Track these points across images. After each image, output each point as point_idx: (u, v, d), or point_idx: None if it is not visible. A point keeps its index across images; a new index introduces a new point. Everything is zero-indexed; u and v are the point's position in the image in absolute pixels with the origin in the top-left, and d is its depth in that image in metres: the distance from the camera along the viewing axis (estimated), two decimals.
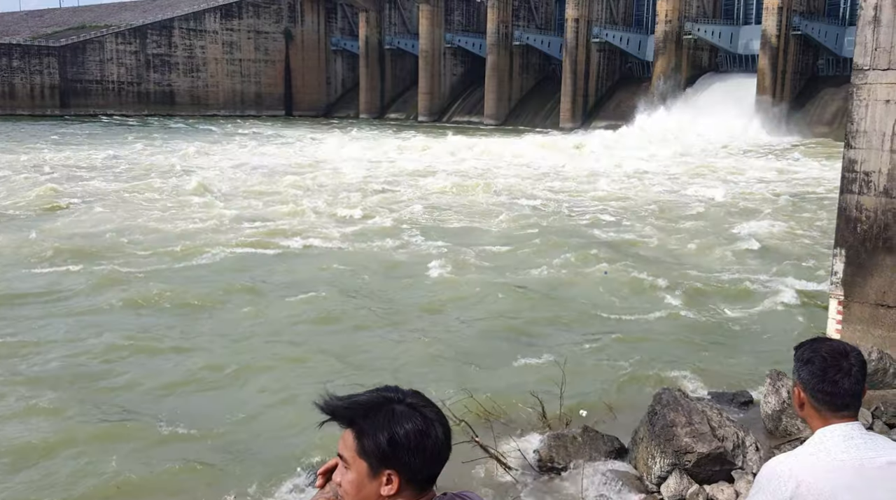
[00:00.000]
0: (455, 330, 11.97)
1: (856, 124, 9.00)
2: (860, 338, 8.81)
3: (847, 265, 9.09)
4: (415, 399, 1.82)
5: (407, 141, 48.97)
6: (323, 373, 9.99)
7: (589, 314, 12.68)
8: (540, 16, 78.40)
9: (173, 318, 12.20)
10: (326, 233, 19.10)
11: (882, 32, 8.81)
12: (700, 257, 17.03)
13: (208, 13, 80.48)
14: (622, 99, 67.54)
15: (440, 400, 7.80)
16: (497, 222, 20.85)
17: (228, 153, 40.80)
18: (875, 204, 8.96)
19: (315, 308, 12.94)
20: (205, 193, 24.90)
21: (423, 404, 1.81)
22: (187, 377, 9.87)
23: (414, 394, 1.84)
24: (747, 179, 31.69)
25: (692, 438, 6.19)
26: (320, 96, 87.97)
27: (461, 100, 79.70)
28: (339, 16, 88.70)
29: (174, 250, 16.73)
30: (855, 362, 2.30)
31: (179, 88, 79.20)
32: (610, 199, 25.76)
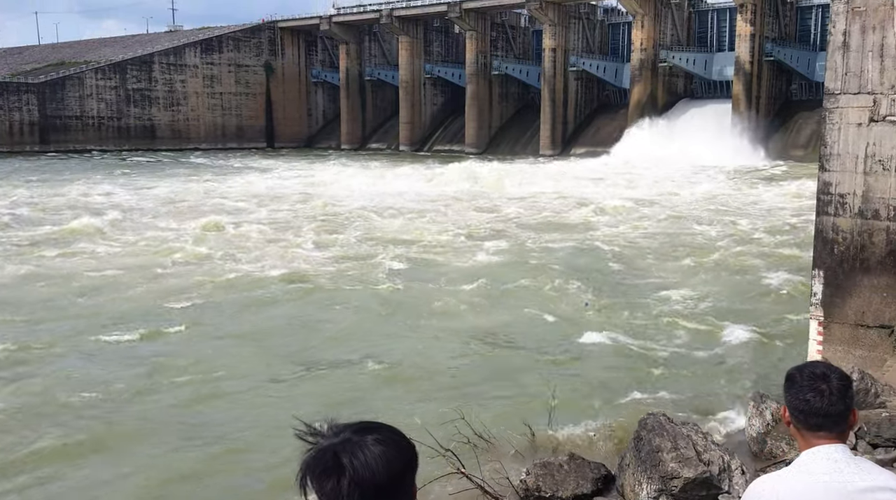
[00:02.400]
0: (441, 358, 11.93)
1: (829, 147, 9.17)
2: (841, 358, 8.88)
3: (826, 286, 9.19)
4: (346, 442, 1.68)
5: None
6: (308, 401, 9.90)
7: (573, 343, 12.70)
8: (518, 46, 79.41)
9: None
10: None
11: (851, 57, 9.02)
12: (683, 282, 17.14)
13: (188, 48, 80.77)
14: (600, 126, 68.32)
15: (425, 428, 7.78)
16: (483, 254, 20.89)
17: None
18: (851, 225, 9.10)
19: (306, 337, 12.87)
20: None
21: (348, 449, 1.66)
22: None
23: (355, 433, 1.69)
24: (726, 202, 32.03)
25: (678, 463, 6.19)
26: (301, 128, 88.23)
27: (442, 129, 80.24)
28: (319, 48, 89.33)
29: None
30: (834, 384, 2.33)
31: (160, 123, 79.15)
32: (592, 228, 25.92)
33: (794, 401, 2.37)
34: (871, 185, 8.92)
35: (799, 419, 2.36)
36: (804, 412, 2.33)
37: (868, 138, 8.91)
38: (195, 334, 13.21)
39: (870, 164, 8.92)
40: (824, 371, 2.39)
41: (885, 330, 8.95)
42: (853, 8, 8.98)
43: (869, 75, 8.88)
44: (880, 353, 8.92)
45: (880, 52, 8.81)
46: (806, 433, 2.35)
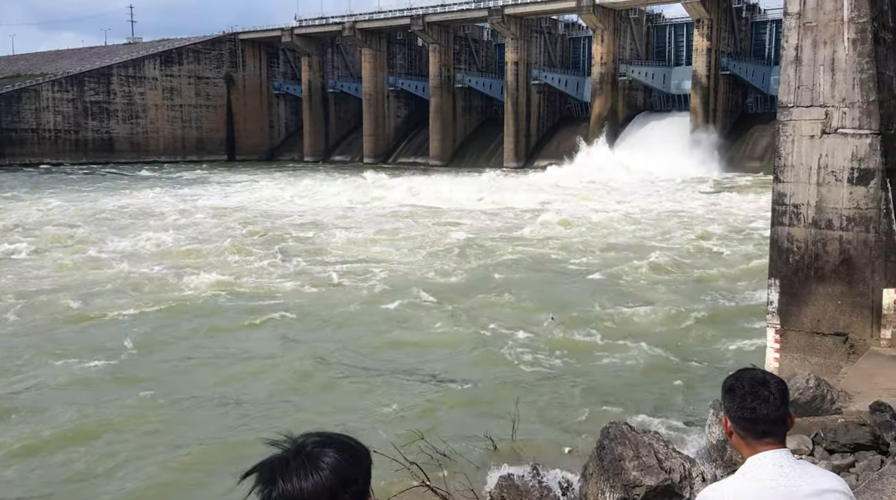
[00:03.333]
0: (406, 373, 11.88)
1: (783, 159, 9.38)
2: (798, 366, 9.06)
3: (781, 295, 9.38)
4: (299, 451, 1.73)
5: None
6: (272, 417, 9.78)
7: (537, 356, 12.74)
8: (481, 59, 79.97)
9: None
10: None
11: (804, 71, 9.26)
12: (642, 293, 17.34)
13: (148, 60, 79.76)
14: (563, 138, 69.03)
15: (391, 443, 7.73)
16: (447, 268, 20.89)
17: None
18: (805, 235, 9.31)
19: (280, 354, 12.71)
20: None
21: (293, 467, 1.71)
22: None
23: (314, 444, 1.74)
24: (683, 213, 32.53)
25: (640, 471, 6.23)
26: (263, 140, 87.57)
27: (406, 141, 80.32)
28: (281, 60, 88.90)
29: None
30: (774, 390, 2.36)
31: (119, 135, 77.91)
32: (554, 240, 26.11)
33: (740, 410, 2.36)
34: (824, 195, 9.15)
35: (745, 427, 2.35)
36: (751, 420, 2.34)
37: (821, 150, 9.14)
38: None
39: (823, 175, 9.14)
40: (763, 377, 2.42)
41: (839, 337, 9.15)
42: (805, 23, 9.22)
43: (821, 89, 9.12)
44: (835, 360, 9.12)
45: (831, 66, 9.06)
46: (752, 441, 2.35)
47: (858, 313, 9.04)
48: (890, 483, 4.05)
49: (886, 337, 8.90)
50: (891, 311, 8.88)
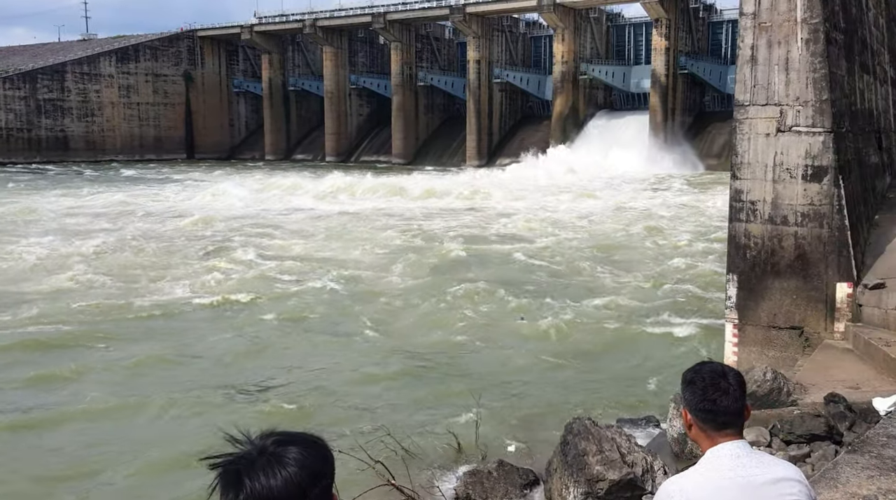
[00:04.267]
0: (370, 371, 11.84)
1: (740, 157, 9.56)
2: (755, 359, 9.25)
3: (739, 290, 9.56)
4: (263, 451, 1.70)
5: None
6: (230, 419, 9.66)
7: (501, 354, 12.80)
8: (443, 57, 79.96)
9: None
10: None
11: (759, 70, 9.45)
12: (601, 289, 17.52)
13: (103, 57, 78.08)
14: (525, 136, 69.42)
15: (356, 442, 7.71)
16: (411, 264, 20.87)
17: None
18: (762, 231, 9.50)
19: (237, 352, 12.56)
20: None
21: (258, 466, 1.68)
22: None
23: (276, 444, 1.71)
24: (642, 209, 32.95)
25: (603, 465, 6.31)
26: (223, 138, 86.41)
27: (369, 139, 79.95)
28: (240, 58, 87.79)
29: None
30: (733, 382, 2.41)
31: (73, 134, 76.17)
32: (520, 240, 26.25)
33: (701, 402, 2.39)
34: (779, 192, 9.35)
35: (706, 419, 2.38)
36: (712, 412, 2.37)
37: (776, 148, 9.34)
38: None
39: (778, 172, 9.35)
40: (722, 369, 2.46)
41: (795, 331, 9.37)
42: (760, 24, 9.41)
43: (776, 88, 9.32)
44: (792, 353, 9.33)
45: (786, 65, 9.27)
46: (712, 433, 2.39)
47: (813, 307, 9.27)
48: (843, 472, 4.16)
49: (840, 330, 9.13)
50: (844, 305, 9.12)
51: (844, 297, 9.10)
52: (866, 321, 9.08)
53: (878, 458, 4.33)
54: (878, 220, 11.22)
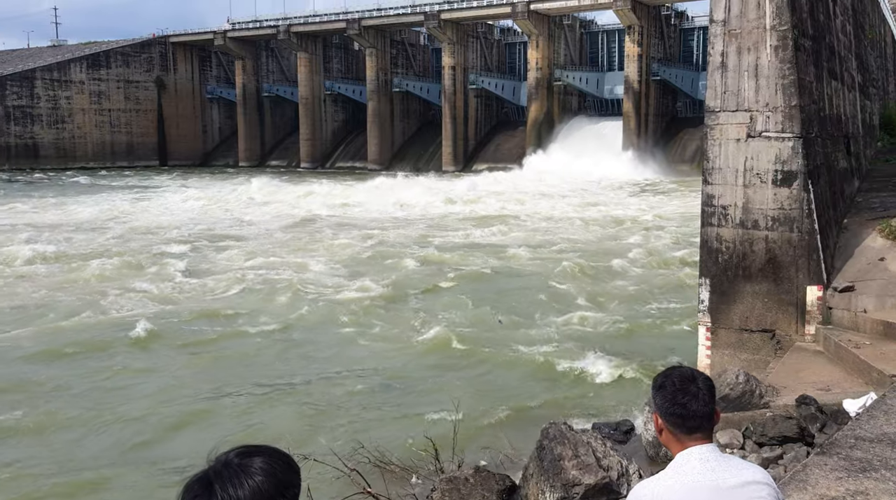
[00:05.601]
0: (345, 380, 11.77)
1: (711, 162, 9.67)
2: (728, 362, 9.34)
3: (712, 293, 9.66)
4: (227, 465, 1.68)
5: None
6: (207, 434, 9.56)
7: (477, 359, 12.80)
8: (418, 63, 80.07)
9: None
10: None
11: (729, 77, 9.57)
12: (575, 293, 17.60)
13: (74, 63, 77.14)
14: (500, 142, 69.73)
15: (330, 450, 7.65)
16: (386, 271, 20.81)
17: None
18: (733, 235, 9.61)
19: (210, 365, 12.41)
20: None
21: (224, 476, 1.66)
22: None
23: (238, 456, 1.70)
24: (616, 215, 33.20)
25: (579, 470, 6.32)
26: (196, 145, 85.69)
27: (344, 145, 79.76)
28: (214, 64, 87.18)
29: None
30: (702, 386, 2.43)
31: (43, 141, 75.09)
32: (500, 244, 26.31)
33: (671, 406, 2.41)
34: (750, 197, 9.46)
35: (676, 423, 2.41)
36: (682, 416, 2.39)
37: (746, 153, 9.45)
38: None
39: (749, 177, 9.46)
40: (692, 373, 2.49)
41: (767, 334, 9.48)
42: (729, 30, 9.53)
43: (745, 94, 9.44)
44: (763, 356, 9.44)
45: (755, 71, 9.39)
46: (682, 437, 2.41)
47: (784, 310, 9.38)
48: (813, 474, 4.20)
49: (810, 333, 9.25)
50: (814, 307, 9.24)
51: (814, 300, 9.23)
52: (836, 324, 9.21)
53: (846, 459, 4.39)
54: (846, 224, 11.40)
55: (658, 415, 2.47)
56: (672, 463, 2.40)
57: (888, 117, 24.60)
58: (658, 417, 2.47)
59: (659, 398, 2.45)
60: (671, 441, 2.44)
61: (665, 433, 2.45)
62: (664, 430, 2.45)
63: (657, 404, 2.46)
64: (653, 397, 2.49)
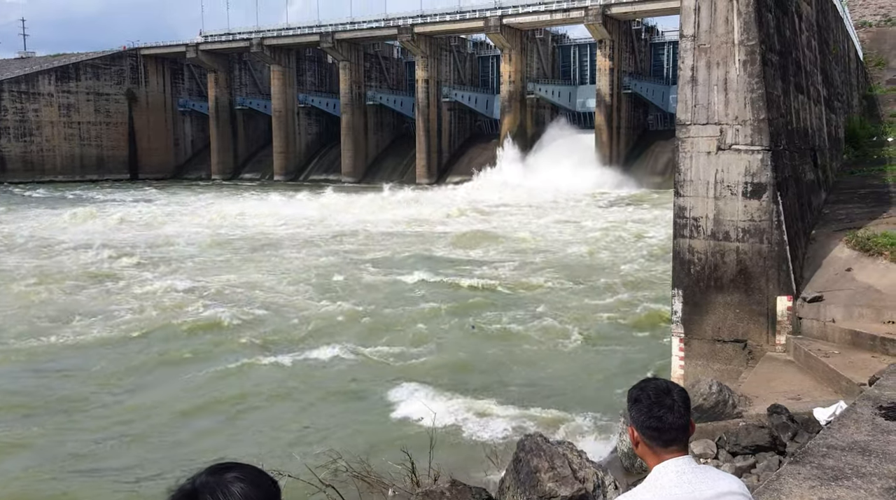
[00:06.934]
0: (318, 393, 11.68)
1: (683, 174, 9.79)
2: (701, 372, 9.42)
3: (684, 304, 9.75)
4: (204, 484, 1.65)
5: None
6: (175, 452, 9.42)
7: (452, 370, 12.78)
8: (391, 76, 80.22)
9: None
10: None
11: (699, 90, 9.71)
12: (548, 304, 17.68)
13: (42, 75, 76.12)
14: (474, 155, 69.95)
15: (305, 466, 7.58)
16: (364, 277, 20.74)
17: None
18: (705, 247, 9.73)
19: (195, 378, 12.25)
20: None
21: (206, 490, 1.63)
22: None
23: (212, 475, 1.67)
24: (593, 226, 33.43)
25: (555, 482, 6.33)
26: (168, 158, 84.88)
27: (318, 158, 79.52)
28: (186, 76, 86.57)
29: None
30: (677, 398, 2.44)
31: (10, 153, 73.88)
32: (465, 255, 26.35)
33: (647, 420, 2.41)
34: (721, 209, 9.59)
35: (652, 436, 2.41)
36: (658, 430, 2.39)
37: (717, 165, 9.59)
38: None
39: (719, 189, 9.60)
40: (667, 386, 2.49)
41: (739, 344, 9.59)
42: (699, 45, 9.69)
43: (715, 107, 9.59)
44: (736, 366, 9.54)
45: (724, 85, 9.55)
46: (658, 449, 2.41)
47: (755, 321, 9.50)
48: (787, 483, 4.25)
49: (781, 343, 9.38)
50: (784, 317, 9.37)
51: (785, 310, 9.36)
52: (806, 333, 9.35)
53: (819, 468, 4.44)
54: (815, 235, 11.60)
55: (634, 428, 2.46)
56: (649, 477, 2.40)
57: (853, 131, 25.10)
58: (634, 430, 2.47)
59: (634, 411, 2.45)
60: (647, 454, 2.44)
61: (641, 445, 2.45)
62: (640, 443, 2.45)
63: (633, 417, 2.46)
64: (628, 409, 2.49)
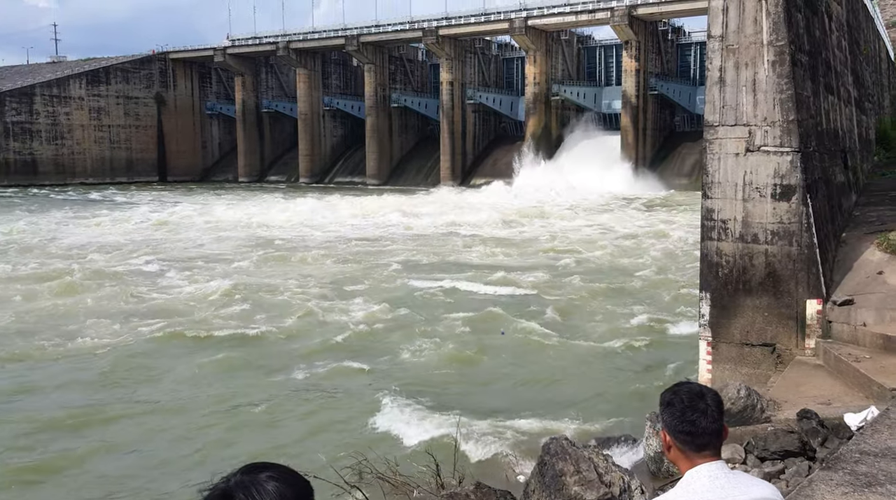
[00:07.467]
0: (344, 394, 11.73)
1: (710, 176, 9.69)
2: (729, 376, 9.31)
3: (712, 308, 9.65)
4: (239, 483, 1.67)
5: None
6: (213, 445, 9.51)
7: (481, 371, 12.77)
8: (416, 79, 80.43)
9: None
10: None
11: (727, 91, 9.61)
12: (575, 308, 17.59)
13: (73, 79, 77.42)
14: (498, 157, 69.88)
15: (330, 466, 7.61)
16: (392, 282, 20.80)
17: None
18: (733, 249, 9.62)
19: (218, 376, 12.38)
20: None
21: (241, 488, 1.65)
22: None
23: (246, 474, 1.68)
24: (620, 229, 33.25)
25: (581, 486, 6.29)
26: (196, 161, 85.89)
27: (343, 161, 79.98)
28: (213, 80, 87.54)
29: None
30: (711, 403, 2.41)
31: (42, 157, 75.22)
32: (494, 258, 26.33)
33: (680, 424, 2.38)
34: (749, 211, 9.48)
35: (685, 440, 2.38)
36: (691, 434, 2.37)
37: (745, 167, 9.48)
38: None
39: (748, 191, 9.48)
40: (701, 390, 2.46)
41: (767, 348, 9.46)
42: (727, 46, 9.59)
43: (744, 108, 9.48)
44: (764, 370, 9.42)
45: (753, 86, 9.44)
46: (691, 454, 2.38)
47: (784, 324, 9.37)
48: (819, 490, 4.19)
49: (810, 346, 9.24)
50: (814, 321, 9.23)
51: (814, 313, 9.22)
52: (836, 337, 9.20)
53: (851, 474, 4.37)
54: (845, 237, 11.41)
55: (666, 432, 2.44)
56: (681, 482, 2.37)
57: (884, 132, 24.68)
58: (666, 434, 2.44)
59: (667, 415, 2.42)
60: (679, 459, 2.41)
61: (673, 450, 2.42)
62: (672, 447, 2.42)
63: (665, 421, 2.43)
64: (660, 414, 2.46)
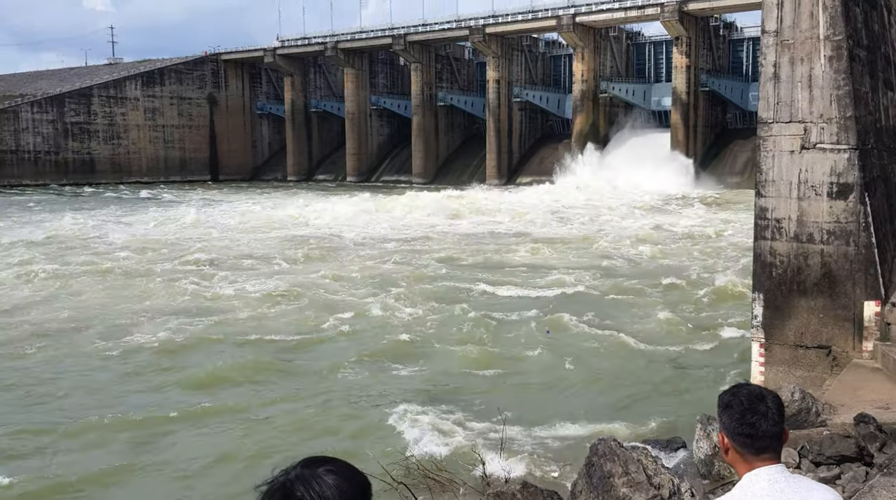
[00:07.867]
0: (390, 392, 11.82)
1: (764, 174, 9.49)
2: (782, 379, 9.12)
3: (765, 309, 9.45)
4: (299, 476, 1.70)
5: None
6: (269, 442, 9.70)
7: (527, 370, 12.73)
8: (462, 77, 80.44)
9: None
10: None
11: (782, 88, 9.40)
12: (625, 307, 17.40)
13: (129, 80, 79.51)
14: (545, 155, 69.43)
15: (378, 463, 7.69)
16: (445, 280, 20.88)
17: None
18: (787, 249, 9.40)
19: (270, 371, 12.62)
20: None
21: (302, 481, 1.68)
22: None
23: (306, 467, 1.72)
24: (672, 230, 32.75)
25: (629, 488, 6.24)
26: (247, 160, 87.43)
27: (389, 159, 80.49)
28: (263, 80, 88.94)
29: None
30: (772, 405, 2.35)
31: (100, 156, 77.46)
32: (541, 257, 26.21)
33: (739, 426, 2.34)
34: (804, 209, 9.26)
35: (745, 443, 2.33)
36: (751, 437, 2.32)
37: (800, 165, 9.26)
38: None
39: (803, 189, 9.26)
40: (761, 392, 2.40)
41: (822, 350, 9.23)
42: (782, 41, 9.38)
43: (799, 105, 9.26)
44: (819, 372, 9.19)
45: (809, 82, 9.21)
46: (750, 457, 2.33)
47: (840, 326, 9.13)
48: (879, 495, 4.08)
49: (868, 349, 8.98)
50: (872, 323, 8.98)
51: (872, 315, 8.97)
52: (895, 340, 8.93)
53: None
54: None
55: (724, 434, 2.39)
56: (739, 484, 2.33)
57: None
58: (724, 436, 2.39)
59: (726, 417, 2.37)
60: (738, 462, 2.37)
61: (731, 452, 2.38)
62: (731, 450, 2.37)
63: (724, 423, 2.38)
64: (718, 415, 2.41)
